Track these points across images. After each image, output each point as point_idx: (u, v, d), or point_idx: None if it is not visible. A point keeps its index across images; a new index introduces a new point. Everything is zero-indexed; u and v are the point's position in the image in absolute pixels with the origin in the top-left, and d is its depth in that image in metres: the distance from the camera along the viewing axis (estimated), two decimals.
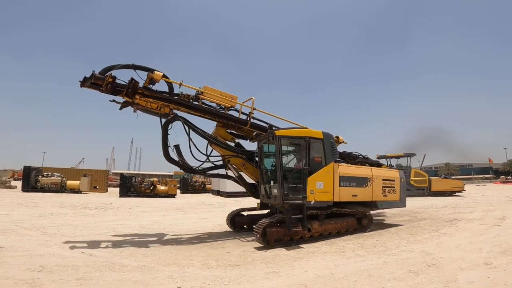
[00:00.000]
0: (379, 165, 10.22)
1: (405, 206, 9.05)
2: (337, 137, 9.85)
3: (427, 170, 58.77)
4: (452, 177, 40.22)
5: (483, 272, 4.16)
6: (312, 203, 6.64)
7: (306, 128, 7.98)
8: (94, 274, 4.07)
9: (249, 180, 8.19)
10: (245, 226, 8.33)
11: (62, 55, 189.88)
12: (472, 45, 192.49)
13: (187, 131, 7.01)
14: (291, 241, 6.53)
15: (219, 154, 7.60)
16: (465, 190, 25.58)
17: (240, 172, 7.87)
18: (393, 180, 8.58)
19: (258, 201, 8.08)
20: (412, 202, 17.06)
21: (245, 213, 8.49)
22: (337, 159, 8.01)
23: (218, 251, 5.81)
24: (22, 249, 5.35)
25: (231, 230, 8.18)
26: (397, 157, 26.47)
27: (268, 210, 8.02)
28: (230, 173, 7.96)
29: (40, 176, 24.09)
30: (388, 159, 25.97)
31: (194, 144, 7.10)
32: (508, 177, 54.26)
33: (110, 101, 6.62)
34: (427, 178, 24.68)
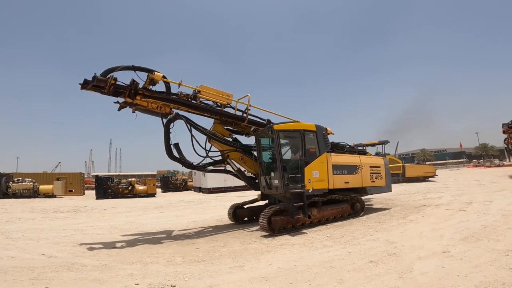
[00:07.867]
0: (364, 153, 10.37)
1: (391, 190, 9.55)
2: (326, 129, 10.09)
3: (404, 157, 60.90)
4: (426, 162, 40.73)
5: (439, 262, 4.15)
6: (310, 191, 7.05)
7: (298, 121, 8.42)
8: (49, 274, 3.94)
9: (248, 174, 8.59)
10: (246, 218, 8.64)
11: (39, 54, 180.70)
12: (449, 36, 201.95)
13: (190, 129, 7.23)
14: (293, 228, 6.90)
15: (218, 150, 7.83)
16: (437, 175, 25.86)
17: (238, 166, 8.14)
18: (379, 167, 9.13)
19: (257, 193, 8.43)
20: None
21: (246, 206, 8.77)
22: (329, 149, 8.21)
23: (187, 248, 5.74)
24: None
25: (232, 222, 8.46)
26: (372, 145, 26.60)
27: (266, 201, 8.39)
28: (229, 168, 8.21)
29: (11, 182, 23.15)
30: (364, 147, 26.31)
31: (197, 141, 7.36)
32: (480, 160, 55.50)
33: (114, 102, 6.70)
34: (401, 164, 24.68)
